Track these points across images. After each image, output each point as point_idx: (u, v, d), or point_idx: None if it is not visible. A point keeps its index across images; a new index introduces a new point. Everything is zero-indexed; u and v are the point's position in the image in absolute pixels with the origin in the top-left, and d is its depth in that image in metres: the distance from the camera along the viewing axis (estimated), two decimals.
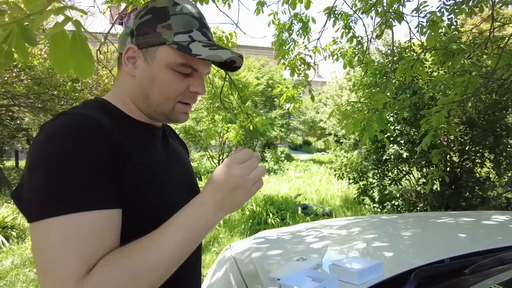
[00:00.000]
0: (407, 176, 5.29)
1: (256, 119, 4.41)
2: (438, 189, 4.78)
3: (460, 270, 0.96)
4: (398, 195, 5.26)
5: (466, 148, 4.65)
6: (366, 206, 5.78)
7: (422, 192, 4.94)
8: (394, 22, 2.80)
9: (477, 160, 4.66)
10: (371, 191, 5.65)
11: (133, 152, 0.65)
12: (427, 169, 4.73)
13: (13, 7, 0.60)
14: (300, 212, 5.19)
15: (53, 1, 0.54)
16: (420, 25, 2.68)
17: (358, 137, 6.61)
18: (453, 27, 3.57)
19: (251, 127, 4.39)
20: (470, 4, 2.93)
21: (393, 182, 5.33)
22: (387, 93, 2.55)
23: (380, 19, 2.95)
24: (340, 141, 15.04)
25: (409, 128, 4.92)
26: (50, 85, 7.02)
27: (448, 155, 4.76)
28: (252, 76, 13.99)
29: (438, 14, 2.79)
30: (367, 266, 0.93)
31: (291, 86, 3.62)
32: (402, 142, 4.86)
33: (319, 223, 1.84)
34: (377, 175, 5.50)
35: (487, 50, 3.17)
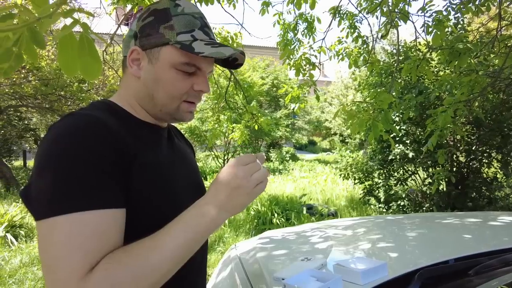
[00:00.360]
0: (413, 176, 5.26)
1: (261, 119, 4.41)
2: (444, 189, 4.74)
3: (465, 271, 0.96)
4: (403, 196, 5.23)
5: (473, 148, 4.61)
6: (372, 206, 5.75)
7: (428, 192, 4.91)
8: (400, 21, 2.78)
9: (484, 160, 4.62)
10: (377, 191, 5.62)
11: (138, 153, 0.65)
12: (433, 169, 4.70)
13: (22, 10, 0.61)
14: (305, 212, 5.18)
15: (62, 4, 0.55)
16: (426, 25, 2.66)
17: (363, 137, 6.59)
18: (459, 26, 3.54)
19: (256, 127, 4.40)
20: (477, 2, 2.90)
21: (399, 182, 5.30)
22: (392, 93, 2.54)
23: (386, 19, 2.94)
24: (346, 141, 14.98)
25: (415, 128, 4.89)
26: (57, 86, 7.09)
27: (454, 155, 4.72)
28: (257, 76, 13.99)
29: (444, 13, 2.77)
30: (371, 267, 0.93)
31: (296, 86, 3.63)
32: (408, 142, 4.84)
33: (324, 223, 1.84)
34: (383, 175, 5.47)
35: (494, 49, 3.14)
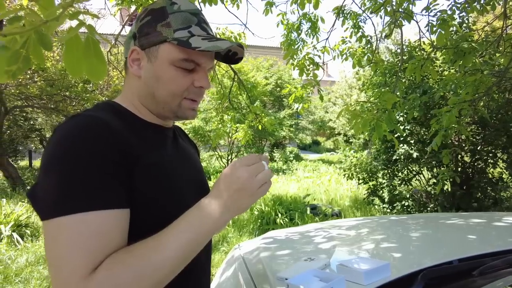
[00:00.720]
0: (417, 176, 5.24)
1: (265, 119, 4.42)
2: (449, 189, 4.71)
3: (469, 271, 0.96)
4: (408, 196, 5.21)
5: (478, 148, 4.58)
6: (376, 207, 5.73)
7: (433, 192, 4.88)
8: (404, 21, 2.77)
9: (489, 160, 4.59)
10: (381, 191, 5.60)
11: (142, 153, 0.66)
12: (438, 169, 4.67)
13: (28, 13, 0.62)
14: (309, 212, 5.18)
15: (68, 6, 0.55)
16: (430, 24, 2.65)
17: (367, 137, 6.56)
18: (464, 25, 3.52)
19: (260, 127, 4.41)
20: (482, 1, 2.88)
21: (403, 182, 5.28)
22: (396, 93, 2.53)
23: (390, 18, 2.93)
24: (350, 141, 14.93)
25: (419, 128, 4.86)
26: (62, 87, 7.15)
27: (459, 155, 4.69)
28: (260, 76, 14.00)
29: (449, 12, 2.75)
30: (374, 267, 0.93)
31: (300, 86, 3.62)
32: (412, 142, 4.81)
33: (327, 224, 1.84)
34: (387, 175, 5.45)
35: (499, 48, 3.12)
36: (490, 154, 4.55)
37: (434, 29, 2.61)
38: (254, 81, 11.65)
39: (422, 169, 5.11)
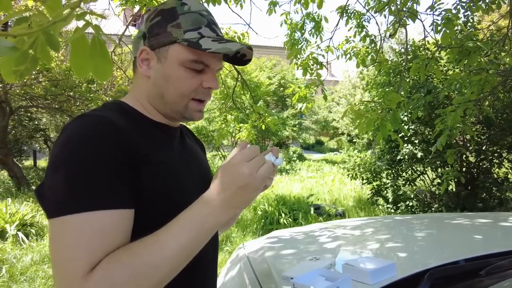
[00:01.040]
0: (421, 176, 5.21)
1: (268, 119, 4.42)
2: (454, 190, 4.69)
3: (475, 271, 0.95)
4: (412, 196, 5.19)
5: (483, 148, 4.55)
6: (380, 207, 5.71)
7: (437, 192, 4.86)
8: (408, 20, 2.76)
9: (494, 160, 4.56)
10: (385, 191, 5.58)
11: (149, 153, 0.66)
12: (442, 170, 4.65)
13: (36, 14, 0.62)
14: (312, 212, 5.17)
15: (76, 7, 0.56)
16: (434, 23, 2.63)
17: (371, 137, 6.54)
18: (469, 24, 3.50)
19: (263, 127, 4.41)
20: (487, 0, 2.86)
21: (407, 182, 5.26)
22: (401, 92, 2.52)
23: (394, 18, 2.92)
24: (353, 140, 14.87)
25: (423, 128, 4.84)
26: (66, 87, 7.19)
27: (464, 155, 4.66)
28: (264, 76, 14.00)
29: (454, 11, 2.73)
30: (380, 266, 0.93)
31: (304, 85, 3.62)
32: (416, 142, 4.79)
33: (332, 224, 1.84)
34: (391, 175, 5.43)
35: (505, 48, 3.10)
36: (496, 154, 4.52)
37: (439, 28, 2.60)
38: (258, 81, 11.66)
39: (426, 169, 5.08)
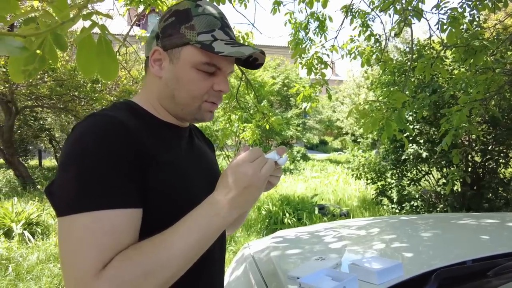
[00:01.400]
0: (426, 176, 5.18)
1: (272, 118, 4.42)
2: (459, 190, 4.66)
3: (483, 272, 0.94)
4: (417, 196, 5.16)
5: (489, 147, 4.51)
6: (384, 207, 5.69)
7: (442, 193, 4.83)
8: (413, 19, 2.74)
9: (500, 160, 4.52)
10: (390, 191, 5.56)
11: (158, 153, 0.67)
12: (448, 169, 4.62)
13: (42, 14, 0.63)
14: (317, 212, 5.16)
15: (83, 8, 0.56)
16: (440, 22, 2.62)
17: (376, 137, 6.52)
18: (475, 23, 3.47)
19: (267, 126, 4.41)
20: None
21: (412, 182, 5.23)
22: (406, 92, 2.50)
23: (399, 17, 2.90)
24: (358, 140, 14.83)
25: (428, 127, 4.81)
26: (71, 87, 7.23)
27: (469, 155, 4.63)
28: (268, 75, 13.99)
29: (460, 10, 2.71)
30: (387, 266, 0.93)
31: (308, 85, 3.61)
32: (421, 141, 4.77)
33: (337, 223, 1.84)
34: (396, 175, 5.40)
35: (511, 47, 3.07)
36: (502, 154, 4.49)
37: (445, 27, 2.58)
38: (262, 81, 11.65)
39: (431, 169, 5.05)
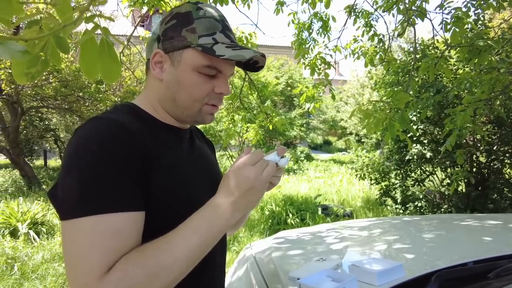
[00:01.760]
0: (430, 176, 5.15)
1: (276, 118, 4.42)
2: (464, 190, 4.62)
3: (484, 274, 0.94)
4: (421, 196, 5.13)
5: (494, 148, 4.48)
6: (388, 207, 5.66)
7: (447, 193, 4.80)
8: (417, 19, 2.73)
9: (506, 161, 4.48)
10: (393, 192, 5.53)
11: (159, 155, 0.67)
12: (452, 170, 4.59)
13: (46, 16, 0.63)
14: (320, 212, 5.15)
15: (85, 11, 0.57)
16: (444, 22, 2.60)
17: (380, 137, 6.49)
18: (480, 22, 3.44)
19: (271, 126, 4.41)
20: None
21: (416, 182, 5.20)
22: (409, 92, 2.50)
23: (402, 17, 2.89)
24: (362, 140, 14.77)
25: (432, 128, 4.78)
26: (76, 87, 7.29)
27: (474, 155, 4.60)
28: (271, 75, 13.99)
29: (464, 9, 2.70)
30: (387, 268, 0.92)
31: (311, 85, 3.61)
32: (425, 141, 4.74)
33: (339, 224, 1.83)
34: (400, 175, 5.38)
35: None
36: (507, 154, 4.45)
37: (448, 27, 2.57)
38: (265, 81, 11.65)
39: (435, 169, 5.02)
